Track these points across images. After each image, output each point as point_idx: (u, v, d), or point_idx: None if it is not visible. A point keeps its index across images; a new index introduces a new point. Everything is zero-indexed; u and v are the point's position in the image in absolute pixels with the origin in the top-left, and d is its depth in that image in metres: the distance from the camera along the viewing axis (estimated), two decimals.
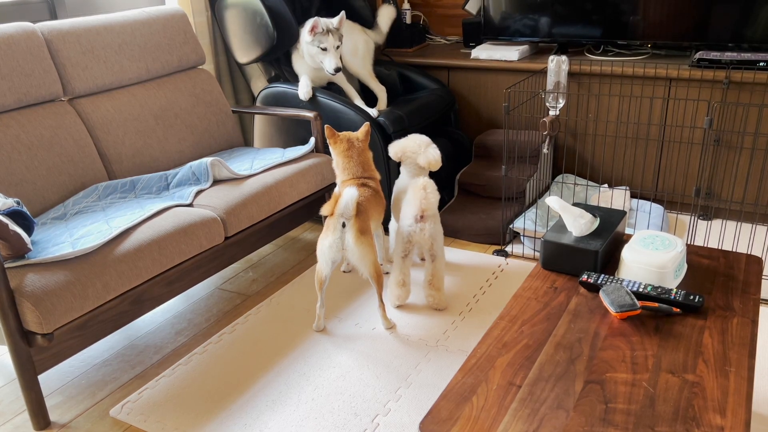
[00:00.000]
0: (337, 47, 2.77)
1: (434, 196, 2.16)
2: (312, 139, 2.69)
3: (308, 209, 2.70)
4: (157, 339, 2.21)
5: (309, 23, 2.73)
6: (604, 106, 2.97)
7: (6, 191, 2.06)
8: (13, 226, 1.70)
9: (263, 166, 2.46)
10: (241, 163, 2.52)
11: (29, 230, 1.85)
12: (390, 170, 2.83)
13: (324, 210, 2.07)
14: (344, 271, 2.60)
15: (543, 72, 3.02)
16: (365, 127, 2.34)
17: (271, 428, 1.75)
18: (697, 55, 2.75)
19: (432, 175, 2.95)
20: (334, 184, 2.72)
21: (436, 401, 1.23)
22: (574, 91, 3.00)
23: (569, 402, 1.20)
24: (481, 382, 1.27)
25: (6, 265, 1.73)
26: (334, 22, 2.77)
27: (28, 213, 1.85)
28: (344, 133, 2.33)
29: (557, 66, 2.64)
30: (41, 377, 2.04)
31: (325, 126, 2.32)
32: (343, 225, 2.04)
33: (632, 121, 2.93)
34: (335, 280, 2.53)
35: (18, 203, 1.84)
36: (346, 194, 2.00)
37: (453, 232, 2.88)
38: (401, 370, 1.97)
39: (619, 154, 3.01)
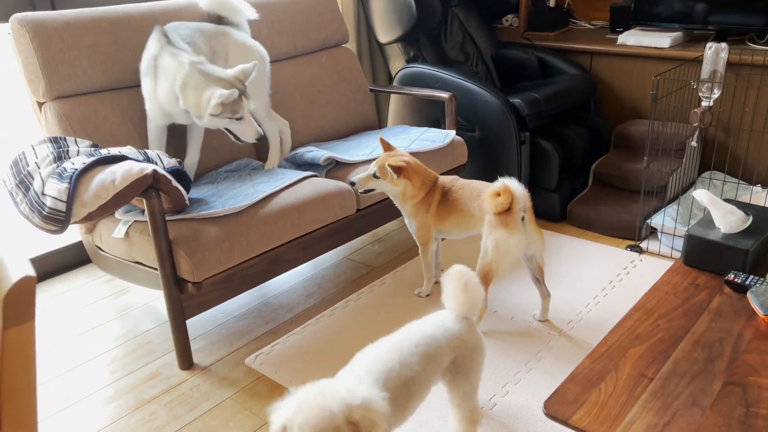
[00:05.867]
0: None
1: None
2: (450, 136, 2.62)
3: None
4: (290, 299, 2.36)
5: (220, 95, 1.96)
6: (765, 99, 2.73)
7: (175, 154, 2.27)
8: (175, 183, 1.87)
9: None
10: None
11: (187, 189, 2.03)
12: (521, 158, 2.78)
13: (498, 206, 1.91)
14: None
15: (696, 61, 2.82)
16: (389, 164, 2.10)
17: None
18: None
19: (565, 163, 2.87)
20: (462, 166, 2.73)
21: (563, 383, 1.22)
22: (731, 82, 2.78)
23: (705, 401, 1.15)
24: (611, 370, 1.25)
25: (166, 218, 1.91)
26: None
27: (186, 173, 2.03)
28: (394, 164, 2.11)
29: (715, 54, 2.46)
30: (188, 322, 2.24)
31: (390, 166, 2.08)
32: (522, 218, 1.94)
33: None
34: (446, 258, 2.55)
35: (179, 163, 2.03)
36: (516, 185, 1.90)
37: (585, 224, 2.80)
38: (522, 355, 1.96)
39: None
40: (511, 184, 1.91)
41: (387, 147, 2.20)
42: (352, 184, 2.14)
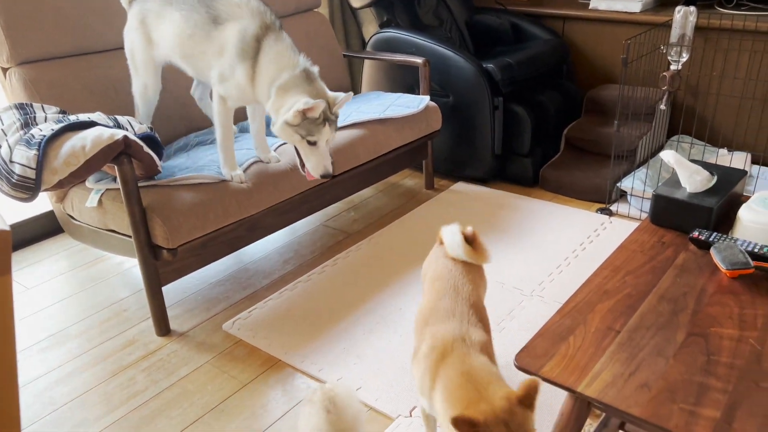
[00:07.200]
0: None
1: None
2: (424, 102, 2.63)
3: (410, 155, 2.74)
4: (267, 265, 2.37)
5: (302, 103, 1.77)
6: (732, 63, 2.78)
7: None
8: (147, 149, 1.85)
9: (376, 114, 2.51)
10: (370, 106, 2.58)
11: (159, 156, 2.01)
12: (494, 124, 2.79)
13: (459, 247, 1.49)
14: None
15: (666, 25, 2.85)
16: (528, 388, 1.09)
17: (368, 354, 1.85)
18: None
19: (538, 128, 2.90)
20: (436, 132, 2.74)
21: (532, 338, 1.26)
22: (699, 46, 2.82)
23: (669, 350, 1.19)
24: (579, 324, 1.29)
25: (139, 185, 1.90)
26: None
27: (158, 139, 2.00)
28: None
29: (684, 17, 2.49)
30: (164, 290, 2.24)
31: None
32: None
33: (762, 80, 2.72)
34: (427, 228, 2.58)
35: (151, 129, 2.00)
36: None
37: (556, 188, 2.84)
38: (495, 315, 2.00)
39: (743, 116, 2.82)
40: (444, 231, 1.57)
41: None
42: None
